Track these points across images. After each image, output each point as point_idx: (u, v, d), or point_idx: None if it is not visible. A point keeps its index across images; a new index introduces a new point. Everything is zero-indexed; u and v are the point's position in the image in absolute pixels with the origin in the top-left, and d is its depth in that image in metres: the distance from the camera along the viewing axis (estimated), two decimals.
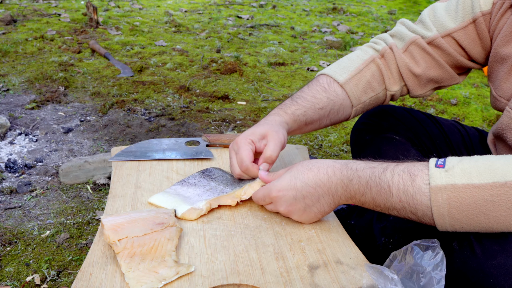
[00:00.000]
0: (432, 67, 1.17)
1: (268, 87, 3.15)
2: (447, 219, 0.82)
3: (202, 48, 4.00)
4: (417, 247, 0.84)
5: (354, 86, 1.18)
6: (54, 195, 1.86)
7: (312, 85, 1.20)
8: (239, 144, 1.06)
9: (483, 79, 3.45)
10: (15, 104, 2.71)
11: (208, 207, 1.03)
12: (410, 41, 1.16)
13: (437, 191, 0.81)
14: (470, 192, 0.79)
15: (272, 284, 0.84)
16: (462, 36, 1.12)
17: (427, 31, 1.15)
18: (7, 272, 1.43)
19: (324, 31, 4.86)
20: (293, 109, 1.15)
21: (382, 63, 1.20)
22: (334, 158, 2.25)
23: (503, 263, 0.79)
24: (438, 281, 0.79)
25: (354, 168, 0.92)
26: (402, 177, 0.85)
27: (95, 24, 4.46)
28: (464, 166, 0.81)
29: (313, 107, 1.15)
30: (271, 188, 0.98)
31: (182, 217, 1.01)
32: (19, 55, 3.53)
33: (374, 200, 0.90)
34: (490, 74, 1.10)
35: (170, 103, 2.80)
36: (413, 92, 1.22)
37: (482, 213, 0.80)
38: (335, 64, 1.23)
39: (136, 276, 0.83)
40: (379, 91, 1.22)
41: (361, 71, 1.19)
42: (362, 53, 1.22)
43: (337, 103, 1.18)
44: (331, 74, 1.19)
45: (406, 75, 1.19)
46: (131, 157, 1.26)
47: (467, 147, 1.31)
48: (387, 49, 1.19)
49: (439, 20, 1.14)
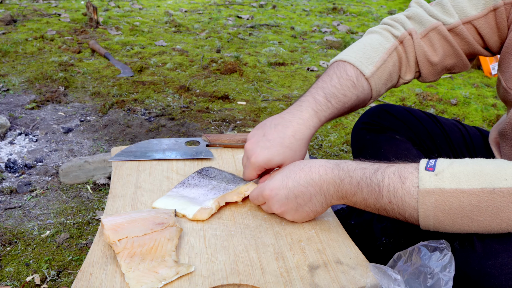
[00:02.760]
0: (449, 55, 1.13)
1: (268, 87, 3.15)
2: (431, 221, 0.83)
3: (202, 48, 4.00)
4: (425, 248, 0.84)
5: (378, 79, 1.11)
6: (54, 195, 1.86)
7: (342, 78, 1.08)
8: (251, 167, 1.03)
9: (483, 79, 3.45)
10: (15, 104, 2.71)
11: (217, 205, 1.03)
12: (431, 27, 1.10)
13: (425, 194, 0.81)
14: (458, 197, 0.79)
15: (272, 284, 0.84)
16: (483, 24, 1.08)
17: (448, 17, 1.10)
18: (7, 272, 1.42)
19: (324, 31, 4.85)
20: (328, 112, 1.06)
21: (402, 50, 1.13)
22: (334, 158, 2.25)
23: (505, 262, 0.79)
24: (446, 282, 0.79)
25: (345, 168, 0.92)
26: (393, 179, 0.85)
27: (95, 24, 4.45)
28: (453, 170, 0.81)
29: (343, 107, 1.08)
30: (264, 187, 0.98)
31: (194, 219, 1.00)
32: (19, 55, 3.53)
33: (365, 200, 0.90)
34: (501, 64, 1.07)
35: (170, 103, 2.80)
36: (425, 79, 1.18)
37: (466, 217, 0.80)
38: (359, 51, 1.12)
39: (136, 276, 0.83)
40: (395, 80, 1.17)
41: (385, 62, 1.11)
42: (384, 40, 1.13)
43: (361, 99, 1.11)
44: (358, 65, 1.09)
45: (423, 63, 1.14)
46: (131, 157, 1.26)
47: (468, 146, 1.31)
48: (407, 35, 1.12)
49: (459, 5, 1.09)
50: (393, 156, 1.22)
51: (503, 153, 1.11)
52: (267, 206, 1.00)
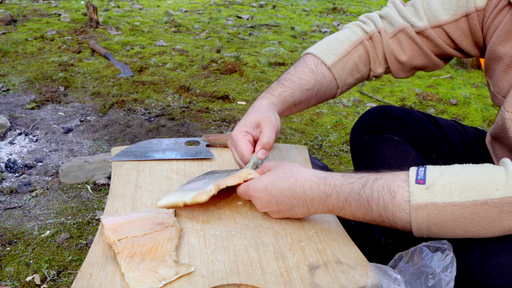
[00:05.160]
0: (417, 56, 1.18)
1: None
2: (425, 232, 0.84)
3: (202, 48, 4.00)
4: (426, 248, 0.84)
5: (341, 68, 1.18)
6: (54, 195, 1.86)
7: (299, 66, 1.19)
8: (236, 138, 1.07)
9: (483, 79, 3.45)
10: (15, 104, 2.71)
11: (216, 187, 1.01)
12: (400, 28, 1.16)
13: (417, 209, 0.81)
14: (450, 210, 0.79)
15: (272, 284, 0.84)
16: (453, 29, 1.11)
17: (418, 19, 1.14)
18: (7, 272, 1.43)
19: (324, 31, 4.86)
20: (279, 91, 1.15)
21: (369, 45, 1.20)
22: (334, 158, 2.25)
23: (503, 263, 0.79)
24: (447, 282, 0.80)
25: (332, 183, 0.91)
26: (382, 193, 0.84)
27: (95, 24, 4.45)
28: (444, 182, 0.80)
29: (300, 88, 1.16)
30: (249, 187, 1.00)
31: (192, 202, 0.99)
32: (19, 55, 3.53)
33: (354, 214, 0.90)
34: (488, 70, 1.10)
35: (170, 103, 2.80)
36: (396, 75, 1.24)
37: (460, 228, 0.81)
38: (323, 43, 1.21)
39: (136, 276, 0.83)
40: (364, 72, 1.23)
41: (349, 53, 1.18)
42: (351, 33, 1.21)
43: (324, 84, 1.18)
44: (319, 55, 1.18)
45: (391, 61, 1.20)
46: (131, 157, 1.26)
47: (466, 147, 1.31)
48: (376, 33, 1.19)
49: (431, 8, 1.12)
50: (392, 157, 1.22)
51: (496, 155, 1.12)
52: (252, 202, 1.03)
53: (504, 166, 0.80)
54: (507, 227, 0.79)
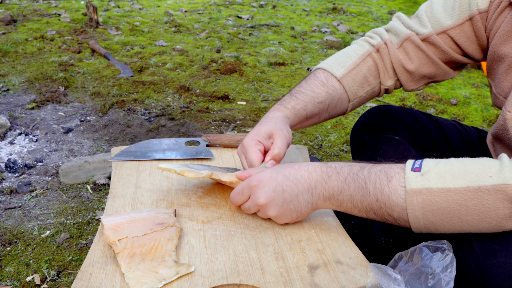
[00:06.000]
0: (425, 64, 1.18)
1: (268, 87, 3.15)
2: (422, 221, 0.84)
3: (202, 48, 4.00)
4: (426, 248, 0.84)
5: (351, 80, 1.20)
6: (54, 195, 1.86)
7: (310, 80, 1.20)
8: (247, 146, 1.06)
9: (483, 79, 3.45)
10: (15, 104, 2.71)
11: (208, 173, 1.03)
12: (405, 37, 1.17)
13: (412, 194, 0.82)
14: (445, 196, 0.80)
15: (272, 284, 0.84)
16: (458, 33, 1.12)
17: (422, 27, 1.15)
18: (7, 272, 1.43)
19: (324, 31, 4.86)
20: (293, 103, 1.16)
21: (377, 57, 1.21)
22: (334, 158, 2.25)
23: (503, 262, 0.79)
24: (447, 283, 0.80)
25: (333, 166, 0.94)
26: (379, 176, 0.87)
27: (95, 24, 4.46)
28: (439, 170, 0.82)
29: (312, 101, 1.17)
30: (252, 178, 0.97)
31: (180, 173, 1.02)
32: (19, 55, 3.53)
33: (352, 198, 0.90)
34: (490, 71, 1.10)
35: (170, 103, 2.80)
36: (406, 87, 1.24)
37: (455, 217, 0.81)
38: (332, 58, 1.23)
39: (136, 276, 0.83)
40: (375, 85, 1.24)
41: (358, 66, 1.20)
42: (359, 47, 1.23)
43: (335, 97, 1.19)
44: (329, 68, 1.20)
45: (399, 71, 1.21)
46: (131, 157, 1.26)
47: (467, 147, 1.31)
48: (382, 44, 1.20)
49: (435, 16, 1.14)
50: (392, 157, 1.22)
51: (497, 155, 1.12)
52: (252, 199, 0.97)
53: (499, 159, 0.82)
54: (502, 216, 0.79)
